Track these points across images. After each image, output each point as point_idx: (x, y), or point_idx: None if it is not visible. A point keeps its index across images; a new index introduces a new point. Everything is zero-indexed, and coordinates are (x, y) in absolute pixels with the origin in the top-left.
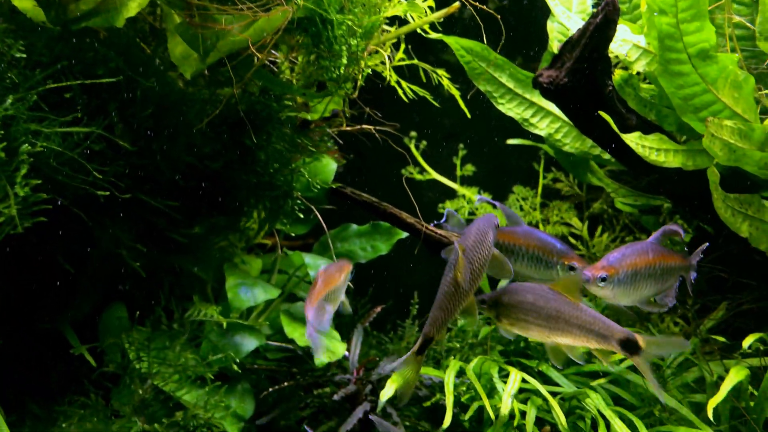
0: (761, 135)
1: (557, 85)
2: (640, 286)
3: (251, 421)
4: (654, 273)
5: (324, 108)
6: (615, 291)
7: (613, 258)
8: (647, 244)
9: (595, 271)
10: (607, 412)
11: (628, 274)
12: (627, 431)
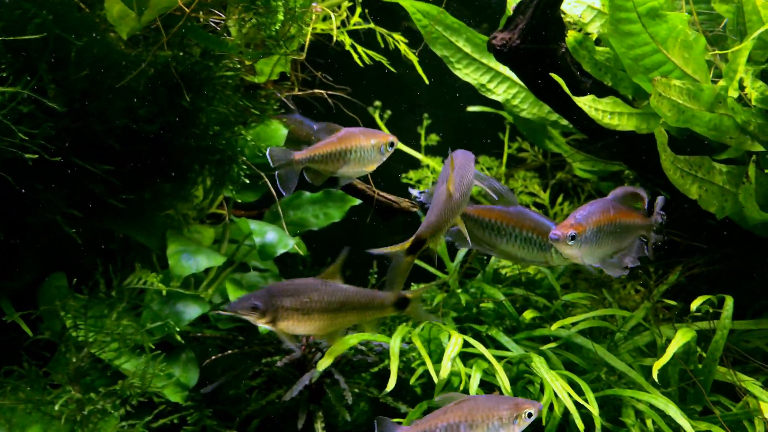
0: (710, 95)
1: (510, 48)
2: (602, 244)
3: (196, 390)
4: (615, 230)
5: (270, 71)
6: (582, 249)
7: (579, 216)
8: (608, 201)
9: (564, 230)
10: (549, 374)
11: (593, 231)
12: (567, 392)
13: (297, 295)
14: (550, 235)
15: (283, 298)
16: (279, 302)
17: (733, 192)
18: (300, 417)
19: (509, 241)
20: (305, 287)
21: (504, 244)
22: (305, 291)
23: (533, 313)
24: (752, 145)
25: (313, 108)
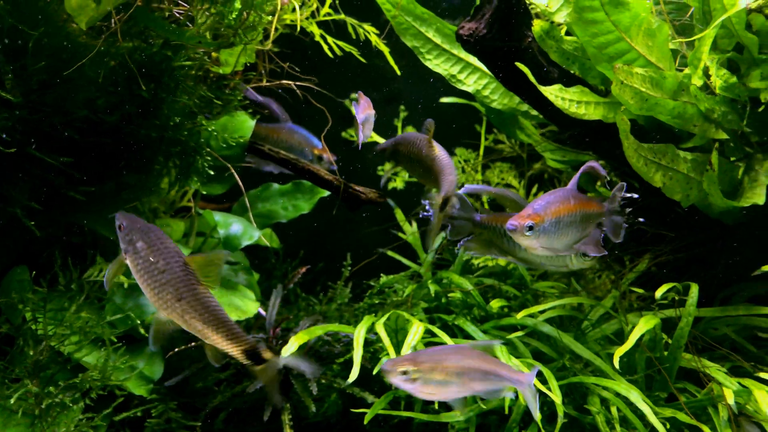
0: (673, 83)
1: (477, 38)
2: (562, 234)
3: (161, 383)
4: (575, 220)
5: (235, 62)
6: (540, 239)
7: (538, 206)
8: (567, 191)
9: (522, 221)
10: (511, 362)
11: (552, 221)
12: None
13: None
14: (507, 226)
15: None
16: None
17: (698, 180)
18: (266, 409)
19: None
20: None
21: (522, 251)
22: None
23: (500, 303)
24: (716, 132)
25: (286, 100)
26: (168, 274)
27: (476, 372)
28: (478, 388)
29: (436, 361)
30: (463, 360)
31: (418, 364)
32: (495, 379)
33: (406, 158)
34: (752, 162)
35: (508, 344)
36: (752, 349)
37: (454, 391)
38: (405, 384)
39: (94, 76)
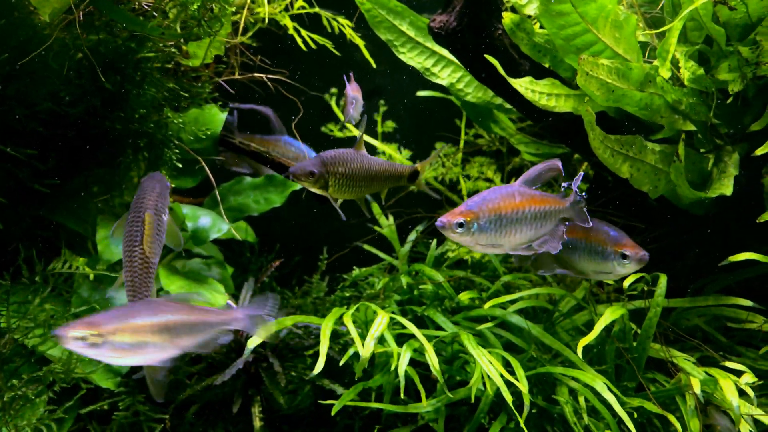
0: (639, 74)
1: (447, 30)
2: (508, 232)
3: (129, 376)
4: (524, 217)
5: (204, 54)
6: (477, 237)
7: (472, 203)
8: (513, 187)
9: (451, 217)
10: (477, 352)
11: (490, 219)
12: (496, 369)
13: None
14: (437, 223)
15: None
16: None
17: (666, 171)
18: (235, 402)
19: (581, 257)
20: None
21: (580, 262)
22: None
23: (471, 294)
24: (684, 124)
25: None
26: None
27: (180, 326)
28: (188, 343)
29: (122, 321)
30: (159, 315)
31: (96, 326)
32: (205, 327)
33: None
34: (721, 154)
35: (478, 335)
36: (722, 339)
37: (156, 352)
38: (87, 350)
39: (58, 68)
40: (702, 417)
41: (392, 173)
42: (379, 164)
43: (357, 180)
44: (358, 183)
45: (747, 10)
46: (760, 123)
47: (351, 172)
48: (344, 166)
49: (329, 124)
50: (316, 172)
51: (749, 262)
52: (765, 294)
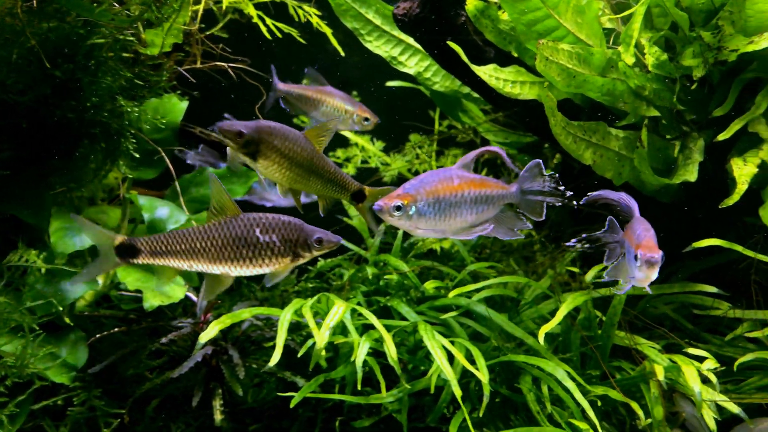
0: (601, 60)
1: (411, 17)
2: (447, 216)
3: (85, 370)
4: (463, 201)
5: (162, 42)
6: (416, 221)
7: (409, 186)
8: (452, 170)
9: (389, 201)
10: (431, 342)
11: (429, 202)
12: (457, 359)
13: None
14: (374, 207)
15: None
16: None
17: (630, 157)
18: (195, 395)
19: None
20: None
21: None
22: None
23: (435, 283)
24: (648, 110)
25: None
26: None
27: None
28: None
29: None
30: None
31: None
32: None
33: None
34: (687, 140)
35: (443, 324)
36: (689, 326)
37: None
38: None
39: (6, 56)
40: (667, 404)
41: (335, 180)
42: (324, 164)
43: (292, 165)
44: (291, 168)
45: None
46: (723, 108)
47: (287, 151)
48: (282, 141)
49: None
50: (245, 134)
51: (716, 249)
52: (731, 281)
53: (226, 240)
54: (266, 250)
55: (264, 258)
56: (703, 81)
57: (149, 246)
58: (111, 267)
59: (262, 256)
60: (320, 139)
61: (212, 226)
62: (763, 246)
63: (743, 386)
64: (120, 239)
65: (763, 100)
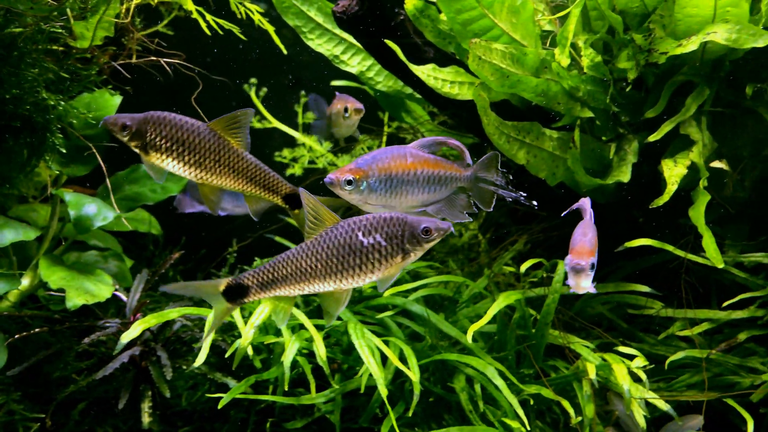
0: (535, 60)
1: (349, 15)
2: (398, 193)
3: (3, 372)
4: (415, 180)
5: (92, 35)
6: (367, 197)
7: (362, 161)
8: (406, 148)
9: (340, 174)
10: (358, 341)
11: (380, 178)
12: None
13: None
14: (326, 179)
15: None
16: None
17: (564, 158)
18: (121, 397)
19: None
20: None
21: None
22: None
23: (372, 282)
24: (582, 111)
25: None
26: None
27: None
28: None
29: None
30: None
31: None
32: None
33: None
34: (622, 142)
35: (380, 324)
36: (624, 326)
37: None
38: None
39: None
40: (601, 403)
41: (259, 179)
42: (240, 159)
43: (191, 157)
44: (191, 162)
45: (643, 0)
46: (655, 110)
47: (182, 142)
48: (174, 131)
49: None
50: (129, 125)
51: (653, 250)
52: (666, 281)
53: (330, 252)
54: (373, 254)
55: (373, 262)
56: (639, 84)
57: (256, 279)
58: (227, 313)
59: (371, 261)
60: (234, 131)
61: (314, 242)
62: (693, 246)
63: (674, 384)
64: (224, 283)
65: (693, 103)
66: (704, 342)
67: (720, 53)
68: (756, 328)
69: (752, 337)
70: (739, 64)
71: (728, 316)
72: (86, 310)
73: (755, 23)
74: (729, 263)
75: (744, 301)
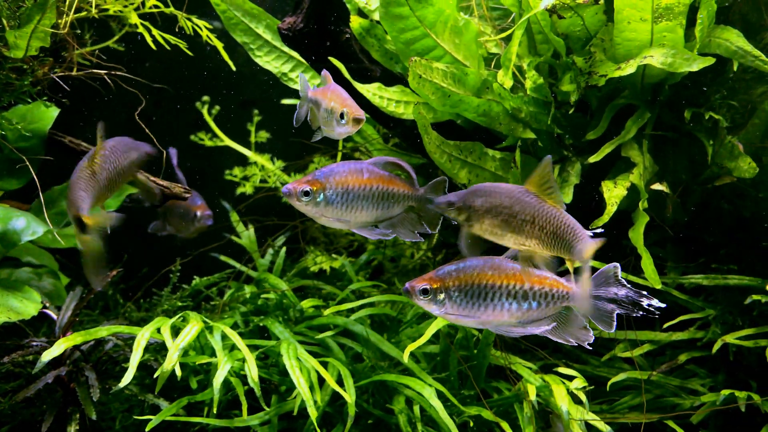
0: (476, 80)
1: (294, 32)
2: (353, 208)
3: None
4: (370, 195)
5: (26, 45)
6: (323, 209)
7: (320, 173)
8: (363, 164)
9: (298, 185)
10: (291, 361)
11: (338, 191)
12: (328, 377)
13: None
14: (283, 190)
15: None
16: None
17: (506, 177)
18: (45, 420)
19: None
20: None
21: None
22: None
23: (313, 302)
24: (524, 132)
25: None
26: None
27: None
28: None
29: None
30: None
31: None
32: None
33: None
34: (566, 164)
35: (320, 345)
36: (568, 347)
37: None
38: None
39: None
40: (542, 424)
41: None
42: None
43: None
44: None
45: (584, 24)
46: (596, 132)
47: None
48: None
49: (200, 133)
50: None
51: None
52: None
53: None
54: None
55: None
56: (584, 107)
57: None
58: None
59: None
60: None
61: None
62: (635, 267)
63: (616, 406)
64: None
65: (633, 125)
66: (646, 364)
67: (659, 77)
68: (696, 349)
69: (693, 359)
70: (679, 89)
71: (669, 338)
72: (17, 330)
73: (690, 49)
74: (670, 285)
75: (685, 322)
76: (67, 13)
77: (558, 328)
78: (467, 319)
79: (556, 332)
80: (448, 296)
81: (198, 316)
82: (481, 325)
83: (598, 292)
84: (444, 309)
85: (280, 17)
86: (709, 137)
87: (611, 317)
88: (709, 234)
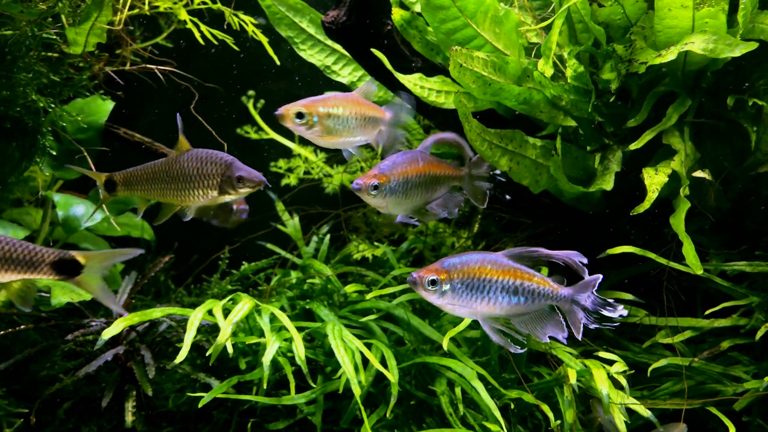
0: (517, 69)
1: (338, 25)
2: (411, 195)
3: None
4: (424, 182)
5: (85, 41)
6: (388, 199)
7: (384, 166)
8: (417, 152)
9: (367, 180)
10: (336, 341)
11: (399, 182)
12: (372, 357)
13: None
14: (353, 185)
15: None
16: None
17: (547, 165)
18: (105, 396)
19: None
20: None
21: None
22: None
23: (357, 287)
24: (565, 120)
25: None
26: None
27: None
28: None
29: None
30: None
31: None
32: None
33: None
34: (607, 151)
35: (363, 328)
36: (609, 334)
37: None
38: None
39: None
40: (584, 409)
41: None
42: None
43: None
44: None
45: (625, 12)
46: (637, 120)
47: None
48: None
49: (245, 126)
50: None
51: (636, 258)
52: (651, 289)
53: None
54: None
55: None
56: (625, 95)
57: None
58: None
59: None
60: None
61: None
62: (676, 254)
63: (657, 392)
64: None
65: (674, 113)
66: (688, 351)
67: (701, 64)
68: (739, 336)
69: (735, 346)
70: (721, 75)
71: (711, 325)
72: (77, 311)
73: (733, 35)
74: (712, 272)
75: (727, 309)
76: (121, 10)
77: (536, 322)
78: (462, 309)
79: (530, 326)
80: (452, 288)
81: (249, 297)
82: (472, 316)
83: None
84: (444, 299)
85: (323, 11)
86: (753, 124)
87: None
88: (752, 221)
